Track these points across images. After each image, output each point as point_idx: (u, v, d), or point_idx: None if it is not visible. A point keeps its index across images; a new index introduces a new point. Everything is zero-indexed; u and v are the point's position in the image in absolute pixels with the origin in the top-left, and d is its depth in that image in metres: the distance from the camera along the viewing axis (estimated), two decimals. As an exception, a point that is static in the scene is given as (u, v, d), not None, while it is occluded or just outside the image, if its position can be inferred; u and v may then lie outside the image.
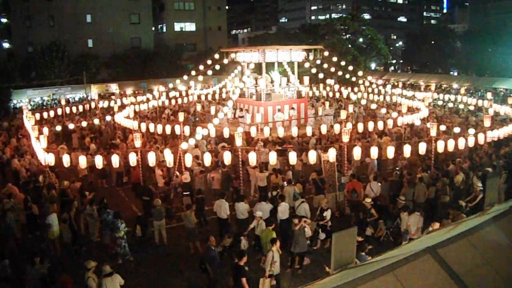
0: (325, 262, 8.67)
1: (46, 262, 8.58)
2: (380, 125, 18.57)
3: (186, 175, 13.22)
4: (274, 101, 22.65)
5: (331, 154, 12.34)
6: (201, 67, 26.29)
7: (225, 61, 25.92)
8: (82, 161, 13.00)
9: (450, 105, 28.09)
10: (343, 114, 19.67)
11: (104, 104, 28.13)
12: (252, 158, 12.45)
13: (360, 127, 17.67)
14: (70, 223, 10.72)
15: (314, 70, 26.72)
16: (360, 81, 30.32)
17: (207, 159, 12.80)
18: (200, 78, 27.71)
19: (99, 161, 12.38)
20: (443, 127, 18.26)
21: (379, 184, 12.27)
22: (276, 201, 10.98)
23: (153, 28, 54.52)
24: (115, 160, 12.96)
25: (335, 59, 26.97)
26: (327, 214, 10.66)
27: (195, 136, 15.23)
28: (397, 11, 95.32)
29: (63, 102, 27.25)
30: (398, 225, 10.81)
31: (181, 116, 18.85)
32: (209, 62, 25.91)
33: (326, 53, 26.25)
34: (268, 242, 8.71)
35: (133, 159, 12.93)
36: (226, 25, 61.40)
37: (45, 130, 17.39)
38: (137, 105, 25.48)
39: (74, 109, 25.92)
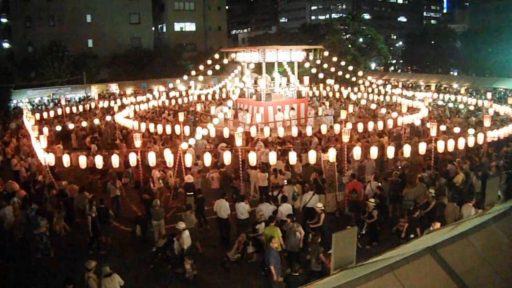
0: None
1: None
2: (380, 125, 18.56)
3: (189, 175, 13.21)
4: (274, 101, 22.63)
5: (331, 154, 12.34)
6: (201, 67, 26.26)
7: (225, 61, 25.89)
8: (82, 161, 13.00)
9: (450, 105, 28.07)
10: (343, 114, 19.65)
11: (104, 104, 28.11)
12: (252, 158, 12.45)
13: (360, 127, 17.66)
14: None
15: (314, 70, 26.69)
16: (360, 81, 30.29)
17: (207, 159, 12.80)
18: (200, 78, 27.68)
19: (99, 161, 12.39)
20: (443, 127, 18.24)
21: (379, 184, 12.26)
22: (277, 201, 10.97)
23: (153, 28, 54.50)
24: (115, 160, 12.96)
25: (335, 59, 26.94)
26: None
27: (195, 136, 15.22)
28: (397, 11, 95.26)
29: (63, 102, 27.23)
30: (367, 232, 10.70)
31: (181, 116, 18.83)
32: (209, 62, 25.86)
33: (326, 53, 26.22)
34: (271, 238, 8.72)
35: (133, 159, 12.92)
36: (226, 25, 61.44)
37: (45, 130, 17.37)
38: (137, 105, 25.46)
39: (74, 109, 25.92)
